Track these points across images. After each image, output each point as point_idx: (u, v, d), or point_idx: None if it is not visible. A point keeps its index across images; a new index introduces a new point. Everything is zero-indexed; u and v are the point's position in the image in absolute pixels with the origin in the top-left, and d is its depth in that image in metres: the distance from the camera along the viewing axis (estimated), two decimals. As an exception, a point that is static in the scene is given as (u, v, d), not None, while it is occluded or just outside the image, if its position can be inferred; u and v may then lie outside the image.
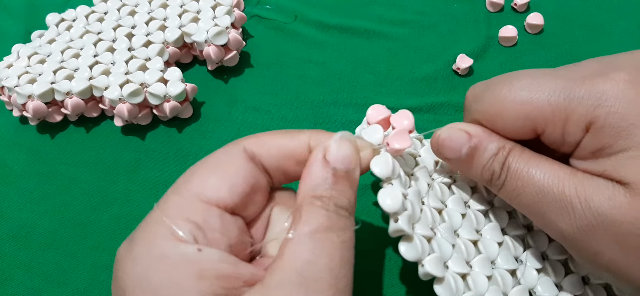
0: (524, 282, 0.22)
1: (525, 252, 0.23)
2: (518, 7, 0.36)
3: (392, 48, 0.35)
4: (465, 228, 0.23)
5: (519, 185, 0.20)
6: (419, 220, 0.21)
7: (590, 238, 0.18)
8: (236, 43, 0.33)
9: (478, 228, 0.23)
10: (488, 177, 0.21)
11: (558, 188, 0.18)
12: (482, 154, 0.21)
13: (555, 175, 0.19)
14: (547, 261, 0.23)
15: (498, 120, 0.20)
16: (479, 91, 0.21)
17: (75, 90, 0.30)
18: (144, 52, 0.32)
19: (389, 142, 0.21)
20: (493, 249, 0.22)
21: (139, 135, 0.32)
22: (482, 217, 0.23)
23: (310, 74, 0.34)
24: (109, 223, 0.29)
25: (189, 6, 0.34)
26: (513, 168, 0.20)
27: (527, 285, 0.22)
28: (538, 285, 0.22)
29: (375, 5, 0.37)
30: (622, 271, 0.18)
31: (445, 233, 0.22)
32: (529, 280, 0.22)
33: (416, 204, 0.21)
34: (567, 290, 0.23)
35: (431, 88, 0.33)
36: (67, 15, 0.35)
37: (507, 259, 0.22)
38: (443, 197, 0.23)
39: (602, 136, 0.18)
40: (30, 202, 0.30)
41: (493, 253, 0.22)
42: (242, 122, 0.32)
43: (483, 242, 0.23)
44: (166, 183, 0.30)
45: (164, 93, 0.30)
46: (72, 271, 0.27)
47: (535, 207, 0.19)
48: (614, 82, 0.18)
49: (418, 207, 0.21)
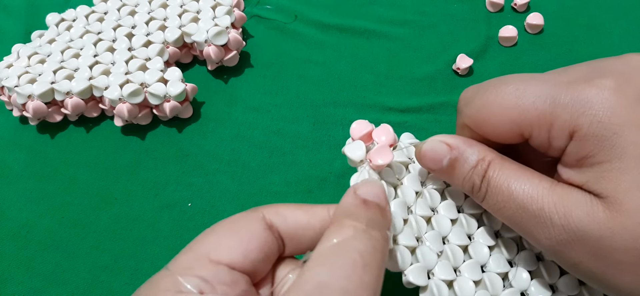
0: (515, 285, 0.22)
1: (518, 254, 0.23)
2: (518, 7, 0.36)
3: (392, 48, 0.35)
4: (455, 234, 0.23)
5: (500, 200, 0.20)
6: (402, 231, 0.21)
7: (570, 250, 0.18)
8: (236, 43, 0.33)
9: (469, 232, 0.23)
10: (469, 189, 0.21)
11: (537, 204, 0.18)
12: (462, 165, 0.21)
13: (535, 190, 0.19)
14: (542, 263, 0.23)
15: (486, 125, 0.20)
16: (469, 95, 0.21)
17: (75, 90, 0.30)
18: (144, 52, 0.32)
19: (371, 158, 0.22)
20: (484, 253, 0.23)
21: (139, 135, 0.32)
22: (474, 221, 0.24)
23: (310, 74, 0.34)
24: (109, 223, 0.29)
25: (189, 6, 0.34)
26: (493, 183, 0.20)
27: (519, 287, 0.22)
28: (531, 286, 0.22)
29: (375, 5, 0.37)
30: (602, 280, 0.18)
31: (432, 241, 0.22)
32: (521, 282, 0.22)
33: (400, 215, 0.22)
34: (562, 290, 0.23)
35: (431, 88, 0.33)
36: (67, 15, 0.35)
37: (498, 262, 0.23)
38: (433, 203, 0.24)
39: (585, 144, 0.18)
40: (30, 202, 0.30)
41: (484, 257, 0.23)
42: (242, 122, 0.32)
43: (474, 247, 0.23)
44: (166, 183, 0.30)
45: (164, 93, 0.30)
46: (72, 271, 0.27)
47: (516, 221, 0.20)
48: (598, 89, 0.18)
49: (401, 218, 0.22)
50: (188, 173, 0.30)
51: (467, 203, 0.24)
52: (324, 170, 0.30)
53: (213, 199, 0.29)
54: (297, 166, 0.30)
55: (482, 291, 0.22)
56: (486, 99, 0.20)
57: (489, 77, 0.32)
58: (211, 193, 0.29)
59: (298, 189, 0.29)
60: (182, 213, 0.29)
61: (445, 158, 0.21)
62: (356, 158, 0.22)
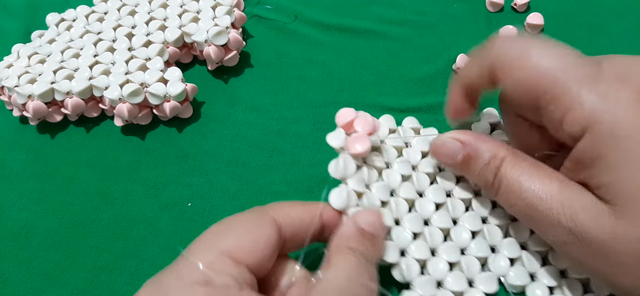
0: (493, 269, 0.23)
1: (503, 241, 0.24)
2: (518, 7, 0.36)
3: (392, 48, 0.35)
4: (439, 217, 0.24)
5: (511, 198, 0.21)
6: None
7: (575, 249, 0.19)
8: (236, 43, 0.33)
9: (455, 216, 0.24)
10: (483, 184, 0.22)
11: (546, 204, 0.19)
12: (475, 162, 0.22)
13: (544, 190, 0.19)
14: (526, 252, 0.24)
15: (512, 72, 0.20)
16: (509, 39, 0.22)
17: (75, 90, 0.30)
18: (144, 52, 0.32)
19: (348, 146, 0.23)
20: (464, 237, 0.24)
21: (139, 135, 0.32)
22: (462, 206, 0.24)
23: (310, 74, 0.34)
24: (109, 223, 0.29)
25: (189, 6, 0.34)
26: (505, 180, 0.21)
27: (497, 273, 0.23)
28: (510, 272, 0.23)
29: (375, 5, 0.37)
30: (605, 279, 0.19)
31: (412, 222, 0.23)
32: (500, 268, 0.23)
33: (377, 200, 0.23)
34: (542, 281, 0.23)
35: (431, 88, 0.33)
36: (67, 15, 0.35)
37: (480, 247, 0.24)
38: (421, 187, 0.25)
39: (597, 144, 0.18)
40: (30, 202, 0.30)
41: (465, 242, 0.24)
42: (242, 122, 0.32)
43: (456, 230, 0.24)
44: (166, 183, 0.30)
45: (164, 93, 0.30)
46: (72, 271, 0.27)
47: (526, 217, 0.21)
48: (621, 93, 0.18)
49: (379, 202, 0.23)
50: (188, 173, 0.30)
51: (459, 188, 0.25)
52: (324, 170, 0.30)
53: (213, 199, 0.29)
54: (297, 166, 0.30)
55: (457, 273, 0.23)
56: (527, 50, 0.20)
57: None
58: (211, 193, 0.29)
59: (298, 189, 0.29)
60: (182, 213, 0.29)
61: (459, 154, 0.22)
62: (336, 145, 0.24)
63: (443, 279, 0.23)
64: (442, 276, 0.23)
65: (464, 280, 0.23)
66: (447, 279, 0.23)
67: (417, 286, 0.23)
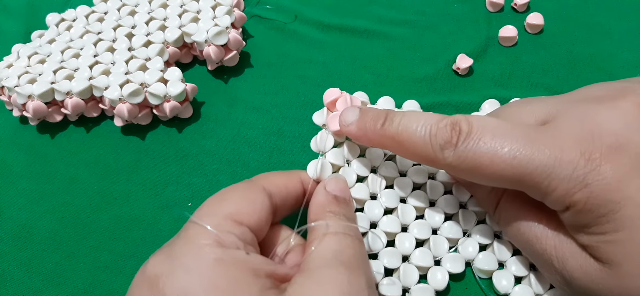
0: (462, 252, 0.24)
1: (477, 227, 0.25)
2: (518, 7, 0.36)
3: (392, 48, 0.35)
4: (416, 196, 0.25)
5: (509, 230, 0.22)
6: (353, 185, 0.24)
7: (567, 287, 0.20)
8: (236, 43, 0.33)
9: (433, 198, 0.25)
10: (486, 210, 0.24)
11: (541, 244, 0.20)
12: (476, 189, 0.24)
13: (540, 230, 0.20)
14: (498, 241, 0.24)
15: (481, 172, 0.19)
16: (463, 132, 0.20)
17: (75, 90, 0.30)
18: (144, 52, 0.32)
19: (328, 123, 0.25)
20: (437, 218, 0.25)
21: (139, 135, 0.32)
22: (441, 188, 0.25)
23: (310, 74, 0.34)
24: (109, 223, 0.29)
25: (189, 6, 0.34)
26: (503, 217, 0.22)
27: (465, 256, 0.24)
28: (479, 256, 0.24)
29: (375, 5, 0.37)
30: None
31: (387, 197, 0.25)
32: (468, 253, 0.24)
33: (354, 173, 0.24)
34: (510, 269, 0.24)
35: (431, 88, 0.33)
36: (67, 15, 0.35)
37: (451, 229, 0.24)
38: (403, 167, 0.26)
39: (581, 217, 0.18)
40: (30, 202, 0.30)
41: (437, 222, 0.25)
42: (242, 122, 0.32)
43: (430, 211, 0.25)
44: (166, 183, 0.30)
45: (164, 93, 0.30)
46: (72, 271, 0.27)
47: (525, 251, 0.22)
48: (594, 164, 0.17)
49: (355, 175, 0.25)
50: (188, 173, 0.30)
51: (441, 173, 0.26)
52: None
53: (213, 199, 0.29)
54: (297, 166, 0.30)
55: (425, 250, 0.24)
56: (479, 157, 0.19)
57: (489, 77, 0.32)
58: (211, 193, 0.29)
59: (298, 189, 0.29)
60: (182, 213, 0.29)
61: None
62: (318, 122, 0.26)
63: (409, 253, 0.24)
64: (408, 251, 0.24)
65: (430, 257, 0.24)
66: (414, 253, 0.24)
67: (382, 256, 0.24)
